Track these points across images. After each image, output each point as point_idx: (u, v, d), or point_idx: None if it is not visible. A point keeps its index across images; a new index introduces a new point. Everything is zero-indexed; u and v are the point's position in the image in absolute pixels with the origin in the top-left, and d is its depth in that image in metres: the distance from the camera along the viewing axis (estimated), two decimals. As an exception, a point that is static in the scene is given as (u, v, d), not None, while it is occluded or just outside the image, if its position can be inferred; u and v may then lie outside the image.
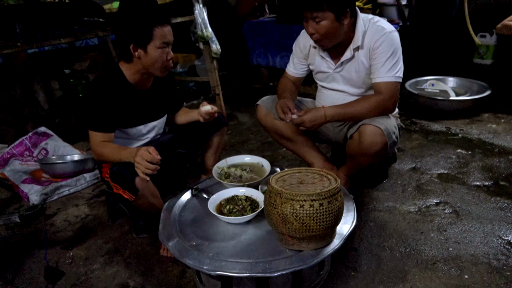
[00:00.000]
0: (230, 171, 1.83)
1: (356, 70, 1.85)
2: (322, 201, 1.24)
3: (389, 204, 2.04)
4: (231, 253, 1.34)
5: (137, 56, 1.67)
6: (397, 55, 1.74)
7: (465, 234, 1.77)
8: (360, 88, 1.90)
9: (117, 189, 1.70)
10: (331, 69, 1.91)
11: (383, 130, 1.71)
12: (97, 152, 1.75)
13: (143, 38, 1.63)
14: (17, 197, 2.44)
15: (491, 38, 3.71)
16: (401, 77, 1.78)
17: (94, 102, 1.71)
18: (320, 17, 1.66)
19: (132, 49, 1.65)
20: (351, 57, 1.83)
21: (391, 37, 1.74)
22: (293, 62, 2.06)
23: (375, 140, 1.71)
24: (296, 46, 2.02)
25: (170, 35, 1.68)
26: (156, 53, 1.66)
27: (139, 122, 1.87)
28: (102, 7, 2.77)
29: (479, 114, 3.10)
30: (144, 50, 1.65)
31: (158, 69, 1.72)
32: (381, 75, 1.75)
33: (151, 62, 1.68)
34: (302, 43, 1.98)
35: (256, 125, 3.25)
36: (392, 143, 1.78)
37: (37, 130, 2.83)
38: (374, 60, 1.77)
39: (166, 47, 1.67)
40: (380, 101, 1.75)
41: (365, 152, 1.76)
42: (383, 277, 1.56)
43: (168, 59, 1.71)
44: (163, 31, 1.64)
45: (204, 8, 3.09)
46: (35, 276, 1.74)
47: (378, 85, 1.77)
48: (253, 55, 4.26)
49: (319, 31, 1.70)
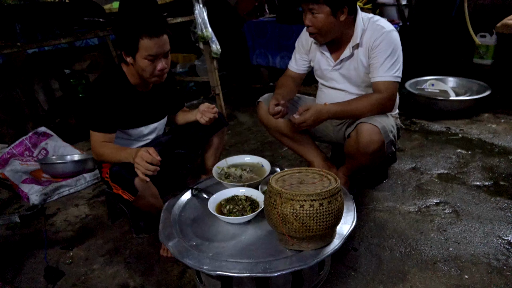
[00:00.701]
0: (230, 171, 1.82)
1: (355, 68, 1.85)
2: (322, 201, 1.24)
3: (389, 204, 2.04)
4: (231, 253, 1.34)
5: (129, 62, 1.67)
6: (396, 54, 1.74)
7: (465, 234, 1.77)
8: (359, 87, 1.91)
9: (116, 189, 1.70)
10: (330, 66, 1.91)
11: (379, 128, 1.71)
12: (97, 152, 1.75)
13: (130, 48, 1.61)
14: (17, 197, 2.44)
15: (491, 38, 3.71)
16: (400, 77, 1.78)
17: (96, 102, 1.71)
18: (316, 9, 1.69)
19: (124, 55, 1.66)
20: (350, 55, 1.83)
21: (390, 36, 1.74)
22: (295, 58, 2.06)
23: (372, 138, 1.72)
24: (299, 42, 2.03)
25: (159, 47, 1.61)
26: (144, 63, 1.63)
27: (140, 123, 1.87)
28: (102, 7, 2.77)
29: (479, 114, 3.10)
30: (133, 58, 1.64)
31: (148, 78, 1.70)
32: (380, 74, 1.75)
33: (140, 71, 1.67)
34: (304, 38, 1.99)
35: (256, 125, 3.25)
36: (390, 142, 1.78)
37: (37, 130, 2.83)
38: (373, 59, 1.77)
39: (154, 59, 1.63)
40: (380, 100, 1.75)
41: (362, 151, 1.76)
42: (383, 277, 1.56)
43: (158, 69, 1.66)
44: (150, 43, 1.58)
45: (204, 8, 3.09)
46: (35, 276, 1.74)
47: (377, 84, 1.77)
48: (253, 55, 4.25)
49: (315, 24, 1.73)
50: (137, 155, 1.54)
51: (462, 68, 3.76)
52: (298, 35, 2.04)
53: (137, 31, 1.57)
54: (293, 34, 3.68)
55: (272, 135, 2.17)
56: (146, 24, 1.58)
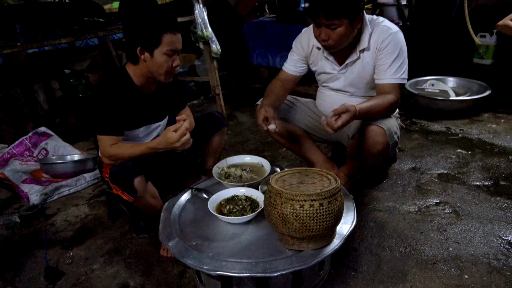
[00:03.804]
0: (230, 171, 1.82)
1: (360, 71, 1.84)
2: (322, 201, 1.24)
3: (389, 204, 2.04)
4: (231, 253, 1.34)
5: (143, 59, 1.66)
6: (403, 55, 1.74)
7: (465, 234, 1.77)
8: (362, 89, 1.90)
9: (116, 190, 1.70)
10: (335, 71, 1.89)
11: (385, 130, 1.71)
12: (108, 154, 1.69)
13: (151, 42, 1.61)
14: (17, 197, 2.44)
15: (491, 38, 3.71)
16: (406, 78, 1.78)
17: (103, 106, 1.68)
18: (336, 24, 1.62)
19: (139, 51, 1.64)
20: (357, 58, 1.81)
21: (397, 37, 1.73)
22: (292, 59, 2.01)
23: (377, 140, 1.71)
24: (297, 44, 1.98)
25: (179, 43, 1.67)
26: (162, 59, 1.64)
27: (143, 123, 1.86)
28: (102, 7, 2.77)
29: (479, 114, 3.10)
30: (150, 54, 1.64)
31: (162, 75, 1.70)
32: (387, 77, 1.74)
33: (156, 67, 1.67)
34: (305, 41, 1.94)
35: (256, 125, 3.24)
36: (394, 144, 1.78)
37: (37, 130, 2.83)
38: (380, 61, 1.76)
39: (172, 54, 1.66)
40: (392, 102, 1.74)
41: (366, 152, 1.76)
42: (383, 277, 1.56)
43: (174, 66, 1.69)
44: (172, 38, 1.62)
45: (204, 8, 3.09)
46: (35, 276, 1.74)
47: (383, 87, 1.76)
48: (253, 55, 4.26)
49: (333, 37, 1.66)
50: (173, 140, 1.56)
51: (462, 68, 3.75)
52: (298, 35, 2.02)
53: (162, 26, 1.60)
54: (293, 34, 3.68)
55: (272, 137, 2.16)
56: (169, 20, 1.63)
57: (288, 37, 3.77)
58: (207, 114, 2.12)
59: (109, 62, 3.84)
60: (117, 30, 2.80)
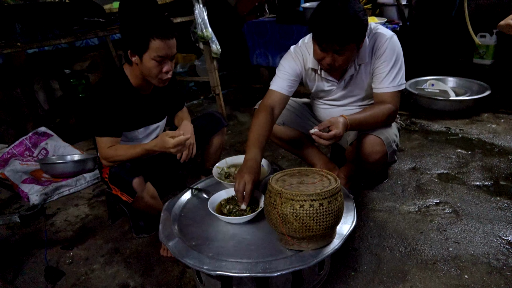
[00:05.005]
0: (230, 171, 1.83)
1: (358, 82, 1.81)
2: (322, 201, 1.24)
3: (389, 204, 2.04)
4: (231, 253, 1.34)
5: (135, 61, 1.65)
6: (399, 61, 1.72)
7: (465, 234, 1.77)
8: (359, 100, 1.89)
9: (115, 190, 1.70)
10: (334, 86, 1.85)
11: (383, 140, 1.71)
12: (107, 156, 1.70)
13: (138, 47, 1.59)
14: (17, 197, 2.44)
15: (491, 38, 3.71)
16: (404, 83, 1.76)
17: (100, 107, 1.68)
18: (345, 49, 1.55)
19: (130, 54, 1.64)
20: (355, 71, 1.78)
21: (392, 43, 1.70)
22: (285, 79, 1.82)
23: (375, 149, 1.71)
24: (290, 63, 1.84)
25: (169, 49, 1.61)
26: (150, 64, 1.61)
27: (142, 124, 1.86)
28: (102, 7, 2.77)
29: (479, 114, 3.10)
30: (139, 58, 1.62)
31: (153, 80, 1.68)
32: (385, 85, 1.72)
33: (146, 71, 1.65)
34: (298, 63, 1.83)
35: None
36: (392, 152, 1.78)
37: (37, 130, 2.83)
38: (377, 69, 1.73)
39: (162, 60, 1.61)
40: (391, 111, 1.72)
41: (364, 160, 1.77)
42: (383, 277, 1.56)
43: (164, 71, 1.65)
44: (161, 44, 1.57)
45: (204, 8, 3.09)
46: (35, 276, 1.74)
47: (382, 96, 1.74)
48: (253, 55, 4.25)
49: (339, 61, 1.59)
50: (169, 145, 1.57)
51: (462, 68, 3.76)
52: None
53: (149, 31, 1.56)
54: (293, 34, 3.68)
55: (272, 140, 2.15)
56: (158, 25, 1.58)
57: (288, 37, 3.77)
58: (207, 114, 2.12)
59: (109, 62, 3.83)
60: (117, 30, 2.80)
